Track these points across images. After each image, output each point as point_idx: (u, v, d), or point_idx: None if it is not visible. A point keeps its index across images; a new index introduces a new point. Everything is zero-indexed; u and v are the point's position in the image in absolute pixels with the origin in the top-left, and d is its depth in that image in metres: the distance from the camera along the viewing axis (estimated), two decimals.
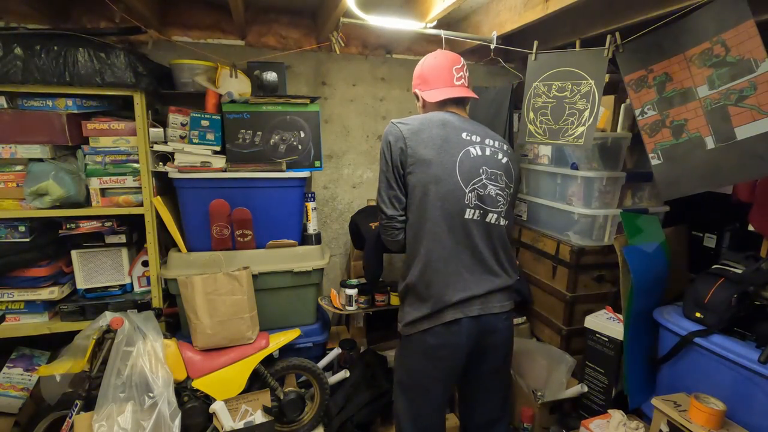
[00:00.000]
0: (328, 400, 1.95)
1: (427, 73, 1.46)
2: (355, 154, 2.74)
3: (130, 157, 1.89)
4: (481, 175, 1.32)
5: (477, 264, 1.33)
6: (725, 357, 1.51)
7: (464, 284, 1.31)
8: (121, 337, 1.62)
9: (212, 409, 1.73)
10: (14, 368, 1.95)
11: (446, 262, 1.30)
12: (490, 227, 1.34)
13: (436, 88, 1.43)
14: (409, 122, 1.35)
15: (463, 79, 1.45)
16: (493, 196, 1.33)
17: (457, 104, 1.46)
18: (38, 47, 1.66)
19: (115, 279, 2.00)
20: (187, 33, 2.28)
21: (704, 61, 1.48)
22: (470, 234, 1.31)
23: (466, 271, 1.32)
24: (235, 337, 1.83)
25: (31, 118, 1.76)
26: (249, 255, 2.01)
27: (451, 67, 1.43)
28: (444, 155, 1.30)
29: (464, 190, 1.30)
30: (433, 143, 1.30)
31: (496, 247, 1.36)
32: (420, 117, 1.38)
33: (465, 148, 1.33)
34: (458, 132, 1.34)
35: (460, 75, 1.45)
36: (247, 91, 2.11)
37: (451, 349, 1.34)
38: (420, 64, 1.50)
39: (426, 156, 1.29)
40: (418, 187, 1.30)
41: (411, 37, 2.42)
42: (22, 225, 1.80)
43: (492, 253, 1.35)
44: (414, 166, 1.30)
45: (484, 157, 1.35)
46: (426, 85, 1.45)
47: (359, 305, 2.14)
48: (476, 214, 1.31)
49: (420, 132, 1.32)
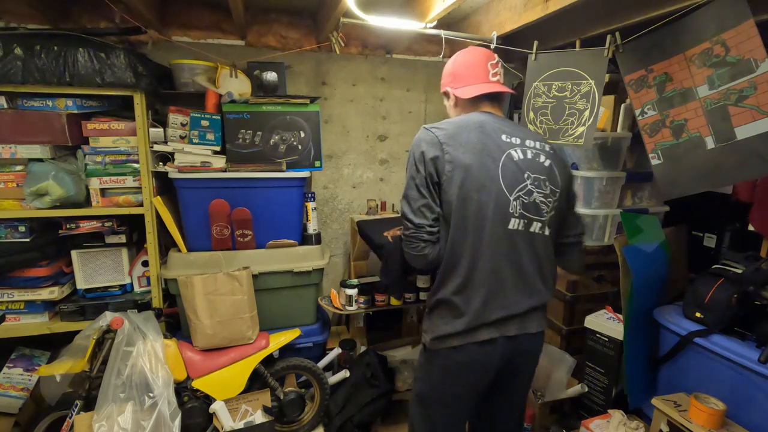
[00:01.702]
0: (328, 400, 1.96)
1: (459, 69, 1.34)
2: (355, 154, 2.74)
3: (130, 157, 1.89)
4: (525, 181, 1.20)
5: (520, 279, 1.21)
6: (725, 357, 1.51)
7: (505, 301, 1.20)
8: (121, 337, 1.62)
9: (212, 409, 1.73)
10: (14, 368, 1.95)
11: (488, 276, 1.18)
12: (535, 238, 1.22)
13: (470, 84, 1.31)
14: (444, 127, 1.23)
15: (498, 76, 1.33)
16: (538, 204, 1.21)
17: (492, 102, 1.33)
18: (38, 47, 1.66)
19: (115, 279, 2.00)
20: (187, 33, 2.28)
21: (704, 61, 1.48)
22: (515, 246, 1.19)
23: (509, 287, 1.20)
24: (235, 337, 1.83)
25: (31, 118, 1.76)
26: (249, 255, 2.01)
27: (485, 62, 1.31)
28: (486, 160, 1.18)
29: (509, 198, 1.18)
30: (473, 147, 1.19)
31: (541, 259, 1.23)
32: (455, 120, 1.26)
33: (507, 151, 1.21)
34: (498, 134, 1.22)
35: (495, 71, 1.32)
36: (247, 91, 2.11)
37: (481, 369, 1.24)
38: (451, 60, 1.39)
39: (466, 161, 1.17)
40: (459, 195, 1.18)
41: (411, 37, 2.42)
42: (22, 225, 1.80)
43: (536, 266, 1.23)
44: (453, 172, 1.18)
45: (527, 160, 1.22)
46: (458, 82, 1.33)
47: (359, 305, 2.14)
48: (520, 224, 1.19)
49: (457, 136, 1.20)
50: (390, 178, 2.84)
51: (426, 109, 2.80)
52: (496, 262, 1.18)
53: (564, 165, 1.31)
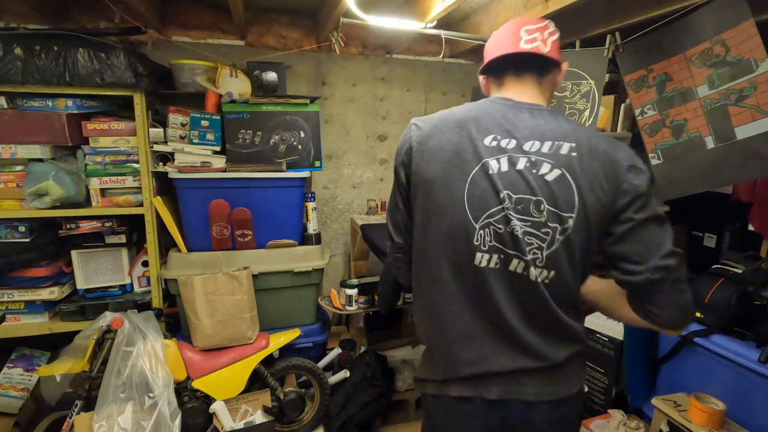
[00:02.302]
0: (328, 400, 1.96)
1: (489, 46, 1.02)
2: (355, 154, 2.74)
3: (130, 157, 1.89)
4: (500, 203, 0.87)
5: (498, 331, 0.91)
6: (725, 357, 1.51)
7: (478, 353, 0.92)
8: (121, 337, 1.62)
9: (212, 409, 1.73)
10: (14, 368, 1.95)
11: (451, 319, 0.93)
12: (516, 280, 0.88)
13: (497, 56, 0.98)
14: (425, 122, 0.97)
15: (538, 42, 0.93)
16: (518, 237, 0.86)
17: (519, 73, 0.97)
18: (38, 47, 1.66)
19: (115, 279, 2.00)
20: (187, 33, 2.28)
21: (704, 60, 1.48)
22: (485, 287, 0.89)
23: (482, 339, 0.92)
24: (235, 337, 1.83)
25: (31, 118, 1.76)
26: (249, 255, 2.01)
27: (518, 29, 0.95)
28: (452, 172, 0.90)
29: (474, 225, 0.88)
30: (440, 155, 0.91)
31: (531, 309, 0.89)
32: (441, 114, 0.98)
33: (483, 160, 0.88)
34: (483, 134, 0.90)
35: (533, 37, 0.94)
36: (247, 91, 2.11)
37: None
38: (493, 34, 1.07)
39: (429, 174, 0.92)
40: (419, 217, 0.96)
41: (411, 37, 2.42)
42: (22, 225, 1.80)
43: (524, 317, 0.90)
44: (417, 188, 0.95)
45: (510, 174, 0.87)
46: (486, 58, 1.02)
47: (359, 305, 2.14)
48: (493, 260, 0.88)
49: (430, 138, 0.93)
50: (390, 178, 2.84)
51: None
52: (460, 303, 0.92)
53: (604, 174, 0.86)
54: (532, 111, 0.94)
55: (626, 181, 0.86)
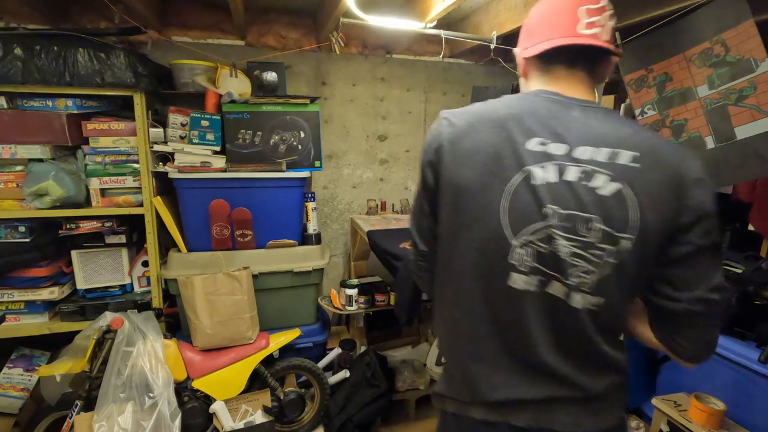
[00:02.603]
0: (328, 400, 1.96)
1: (535, 18, 0.86)
2: (355, 154, 2.74)
3: (130, 157, 1.89)
4: (544, 219, 0.75)
5: (526, 358, 0.80)
6: (725, 357, 1.51)
7: (505, 380, 0.82)
8: (121, 337, 1.62)
9: (212, 409, 1.73)
10: (14, 368, 1.95)
11: (477, 342, 0.84)
12: (555, 306, 0.77)
13: (544, 40, 0.82)
14: (459, 117, 0.84)
15: (597, 27, 0.79)
16: (563, 258, 0.75)
17: (572, 66, 0.82)
18: (38, 47, 1.66)
19: (115, 279, 2.00)
20: (186, 33, 2.28)
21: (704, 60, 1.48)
22: (518, 311, 0.79)
23: (510, 363, 0.82)
24: (235, 337, 1.83)
25: (31, 119, 1.76)
26: (249, 255, 2.01)
27: (576, 6, 0.80)
28: (490, 180, 0.77)
29: (510, 242, 0.76)
30: (475, 159, 0.78)
31: (568, 338, 0.78)
32: (477, 109, 0.84)
33: (526, 168, 0.75)
34: (527, 136, 0.77)
35: (594, 20, 0.79)
36: (247, 91, 2.11)
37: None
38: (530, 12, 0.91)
39: (461, 179, 0.79)
40: (447, 227, 0.85)
41: (411, 37, 2.42)
42: (22, 225, 1.80)
43: (556, 346, 0.79)
44: (446, 192, 0.83)
45: (558, 185, 0.74)
46: (529, 39, 0.86)
47: (359, 305, 2.14)
48: (530, 282, 0.77)
49: (464, 137, 0.80)
50: (390, 178, 2.84)
51: (426, 109, 2.80)
52: (485, 327, 0.82)
53: (668, 186, 0.74)
54: (585, 110, 0.79)
55: (692, 197, 0.74)
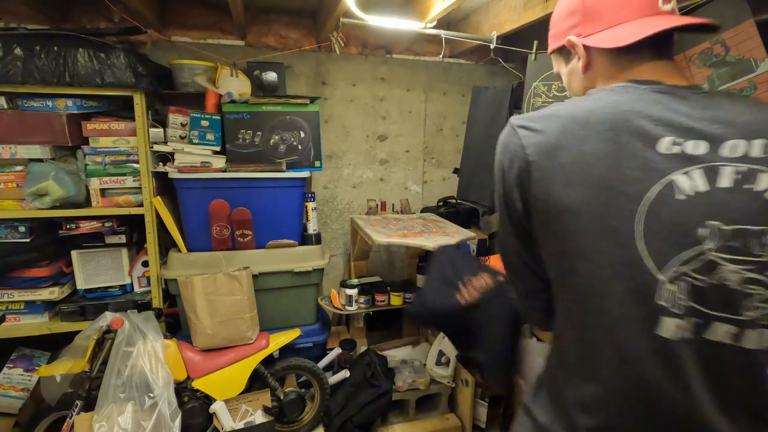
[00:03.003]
0: (329, 400, 1.96)
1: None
2: (355, 154, 2.74)
3: (130, 157, 1.89)
4: (701, 243, 0.58)
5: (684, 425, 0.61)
6: None
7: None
8: (122, 337, 1.62)
9: (212, 409, 1.73)
10: (14, 368, 1.95)
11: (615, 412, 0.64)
12: (720, 353, 0.59)
13: (620, 23, 0.68)
14: (542, 123, 0.67)
15: (673, 2, 0.68)
16: (732, 288, 0.57)
17: (661, 54, 0.69)
18: (38, 47, 1.66)
19: (115, 279, 2.00)
20: (186, 33, 2.28)
21: (704, 60, 1.48)
22: (672, 366, 0.59)
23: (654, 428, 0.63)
24: (236, 338, 1.83)
25: (31, 119, 1.76)
26: (249, 255, 2.01)
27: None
28: (611, 200, 0.60)
29: (656, 276, 0.59)
30: (584, 173, 0.62)
31: (738, 393, 0.60)
32: (564, 110, 0.67)
33: (666, 177, 0.59)
34: (652, 137, 0.60)
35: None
36: (247, 91, 2.11)
37: None
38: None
39: (567, 202, 0.63)
40: (554, 263, 0.69)
41: (411, 37, 2.42)
42: (22, 225, 1.80)
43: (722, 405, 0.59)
44: (546, 218, 0.66)
45: (711, 194, 0.58)
46: (592, 23, 0.71)
47: (359, 305, 2.15)
48: (687, 327, 0.59)
49: (559, 148, 0.64)
50: (390, 178, 2.84)
51: (426, 109, 2.80)
52: (625, 388, 0.62)
53: None
54: (708, 96, 0.63)
55: None
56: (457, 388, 2.07)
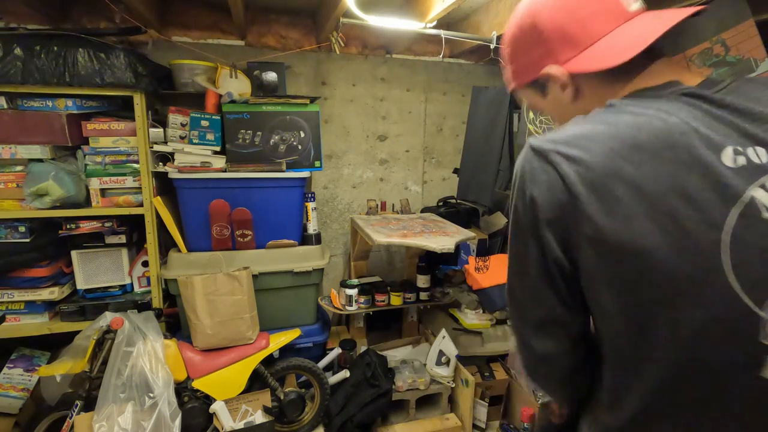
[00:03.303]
0: (329, 400, 1.95)
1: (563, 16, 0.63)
2: (355, 154, 2.74)
3: (130, 157, 1.89)
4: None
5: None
6: None
7: None
8: (122, 337, 1.62)
9: (212, 409, 1.73)
10: (14, 369, 1.95)
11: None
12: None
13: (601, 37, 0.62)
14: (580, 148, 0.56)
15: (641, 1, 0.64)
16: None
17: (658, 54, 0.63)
18: (38, 48, 1.66)
19: (115, 279, 2.00)
20: (186, 33, 2.28)
21: (704, 60, 1.48)
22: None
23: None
24: (236, 338, 1.83)
25: (31, 119, 1.76)
26: (249, 255, 2.01)
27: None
28: (686, 230, 0.51)
29: (756, 312, 0.50)
30: (647, 204, 0.52)
31: None
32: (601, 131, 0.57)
33: (743, 196, 0.51)
34: (712, 150, 0.52)
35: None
36: (247, 91, 2.11)
37: None
38: (528, 13, 0.67)
39: (636, 240, 0.52)
40: (624, 313, 0.56)
41: (411, 37, 2.42)
42: (22, 225, 1.80)
43: None
44: (605, 264, 0.56)
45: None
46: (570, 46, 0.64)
47: (359, 305, 2.15)
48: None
49: (614, 176, 0.53)
50: (390, 178, 2.84)
51: (426, 109, 2.80)
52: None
53: None
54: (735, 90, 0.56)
55: None
56: (457, 388, 2.07)
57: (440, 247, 1.79)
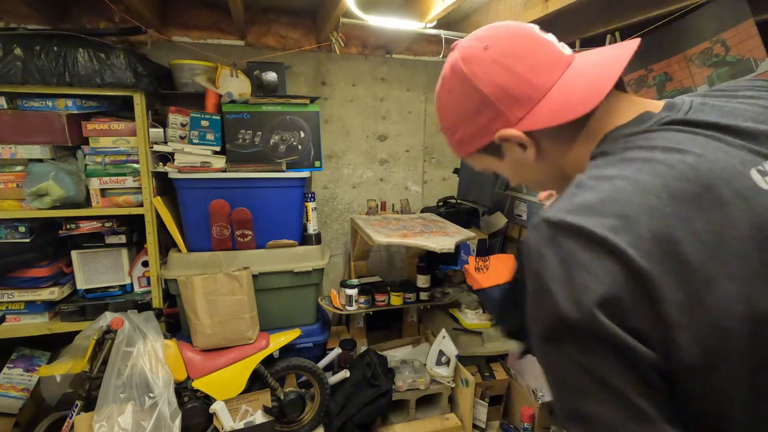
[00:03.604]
0: (329, 400, 1.95)
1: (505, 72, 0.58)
2: (355, 154, 2.74)
3: (130, 157, 1.89)
4: None
5: None
6: None
7: None
8: (122, 337, 1.62)
9: (212, 409, 1.73)
10: (14, 369, 1.95)
11: None
12: None
13: (550, 87, 0.57)
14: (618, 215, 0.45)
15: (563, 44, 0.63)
16: None
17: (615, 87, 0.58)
18: (38, 48, 1.66)
19: (115, 279, 2.00)
20: (186, 33, 2.28)
21: (704, 60, 1.48)
22: None
23: None
24: (236, 338, 1.83)
25: (31, 119, 1.76)
26: (249, 255, 2.01)
27: (532, 33, 0.60)
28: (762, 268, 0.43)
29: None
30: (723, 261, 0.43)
31: None
32: (630, 187, 0.46)
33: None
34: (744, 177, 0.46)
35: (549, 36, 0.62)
36: (247, 91, 2.11)
37: None
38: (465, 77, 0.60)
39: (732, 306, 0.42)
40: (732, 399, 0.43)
41: (411, 37, 2.42)
42: (22, 225, 1.80)
43: None
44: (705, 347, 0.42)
45: None
46: (520, 104, 0.58)
47: (359, 305, 2.15)
48: None
49: (672, 239, 0.43)
50: (390, 178, 2.84)
51: (426, 109, 2.80)
52: None
53: None
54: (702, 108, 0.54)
55: None
56: (457, 388, 2.07)
57: (440, 247, 1.79)
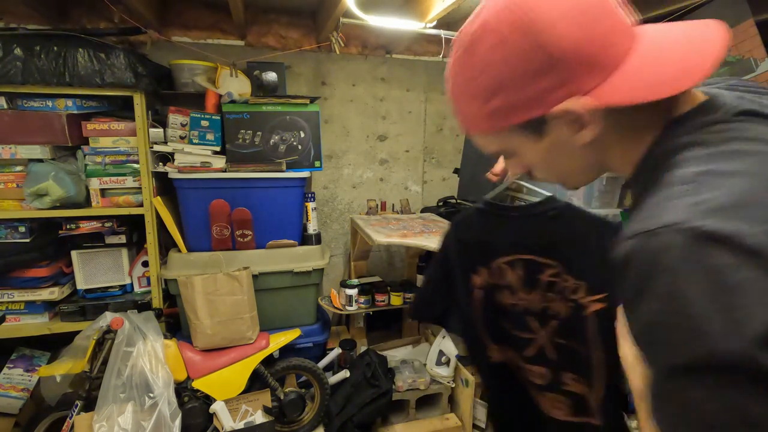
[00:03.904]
0: (329, 400, 1.95)
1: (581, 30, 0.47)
2: (355, 154, 2.74)
3: (130, 157, 1.89)
4: None
5: None
6: None
7: None
8: (122, 337, 1.62)
9: (212, 410, 1.73)
10: (14, 369, 1.95)
11: None
12: None
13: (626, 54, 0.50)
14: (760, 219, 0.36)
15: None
16: None
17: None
18: (38, 48, 1.66)
19: (115, 279, 2.00)
20: (186, 33, 2.28)
21: None
22: None
23: None
24: (236, 338, 1.83)
25: (31, 119, 1.76)
26: (249, 255, 2.01)
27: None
28: None
29: None
30: None
31: None
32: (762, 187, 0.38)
33: None
34: None
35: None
36: (247, 91, 2.11)
37: None
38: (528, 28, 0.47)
39: None
40: None
41: (411, 37, 2.42)
42: (22, 225, 1.80)
43: None
44: None
45: None
46: (592, 72, 0.48)
47: (359, 305, 2.15)
48: None
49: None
50: (390, 178, 2.84)
51: (426, 109, 2.80)
52: None
53: None
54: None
55: None
56: (457, 388, 2.07)
57: None
